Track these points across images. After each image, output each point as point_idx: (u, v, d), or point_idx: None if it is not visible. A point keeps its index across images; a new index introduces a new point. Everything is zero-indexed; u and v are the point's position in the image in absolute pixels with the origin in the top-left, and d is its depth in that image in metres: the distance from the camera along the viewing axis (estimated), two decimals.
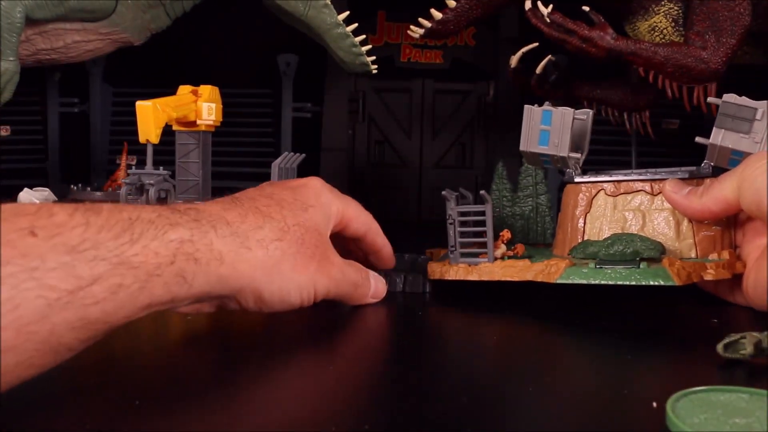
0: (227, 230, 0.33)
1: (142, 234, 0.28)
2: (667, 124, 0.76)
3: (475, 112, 0.88)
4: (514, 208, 0.58)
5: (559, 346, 0.40)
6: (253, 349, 0.38)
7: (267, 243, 0.35)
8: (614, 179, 0.49)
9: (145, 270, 0.28)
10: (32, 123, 0.86)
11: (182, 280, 0.30)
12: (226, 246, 0.33)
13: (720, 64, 0.55)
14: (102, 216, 0.28)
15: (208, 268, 0.31)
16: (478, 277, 0.47)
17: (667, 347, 0.39)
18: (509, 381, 0.32)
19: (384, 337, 0.43)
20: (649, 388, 0.31)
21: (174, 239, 0.30)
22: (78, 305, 0.25)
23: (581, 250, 0.46)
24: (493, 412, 0.28)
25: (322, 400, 0.29)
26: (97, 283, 0.26)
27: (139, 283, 0.28)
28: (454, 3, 0.58)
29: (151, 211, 0.30)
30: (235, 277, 0.33)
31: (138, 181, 0.55)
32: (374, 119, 0.87)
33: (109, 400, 0.28)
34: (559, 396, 0.30)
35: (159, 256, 0.29)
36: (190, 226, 0.31)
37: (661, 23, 0.59)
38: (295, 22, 0.67)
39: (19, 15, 0.58)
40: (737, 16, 0.54)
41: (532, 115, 0.51)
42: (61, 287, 0.25)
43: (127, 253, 0.27)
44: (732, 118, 0.47)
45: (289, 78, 0.84)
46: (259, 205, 0.37)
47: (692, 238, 0.47)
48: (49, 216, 0.26)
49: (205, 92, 0.59)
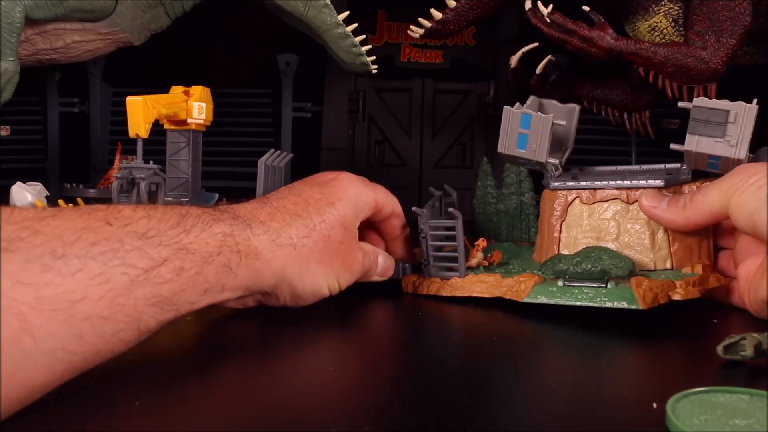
0: (260, 228, 0.36)
1: (193, 226, 0.32)
2: (668, 124, 0.76)
3: (475, 112, 0.88)
4: (499, 205, 0.58)
5: (559, 346, 0.40)
6: (252, 350, 0.38)
7: (295, 240, 0.38)
8: (588, 186, 0.48)
9: (200, 256, 0.31)
10: (32, 123, 0.86)
11: (228, 270, 0.33)
12: (261, 243, 0.36)
13: (720, 65, 0.55)
14: (159, 210, 0.32)
15: (248, 261, 0.34)
16: (450, 293, 0.47)
17: (667, 347, 0.39)
18: (509, 381, 0.32)
19: (383, 336, 0.43)
20: (649, 388, 0.31)
21: (218, 232, 0.33)
22: (152, 283, 0.29)
23: (551, 266, 0.45)
24: (493, 412, 0.28)
25: (322, 401, 0.30)
26: (164, 265, 0.29)
27: (196, 268, 0.31)
28: (454, 3, 0.58)
29: (197, 209, 0.34)
30: (269, 273, 0.36)
31: (129, 175, 0.57)
32: (374, 119, 0.87)
33: (109, 400, 0.28)
34: (559, 396, 0.30)
35: (209, 246, 0.32)
36: (230, 222, 0.34)
37: (661, 23, 0.59)
38: (295, 22, 0.67)
39: (19, 15, 0.58)
40: (737, 16, 0.54)
41: (511, 117, 0.50)
42: (138, 265, 0.28)
43: (184, 240, 0.31)
44: (705, 123, 0.46)
45: (289, 78, 0.84)
46: (286, 204, 0.40)
47: (667, 249, 0.46)
48: (118, 211, 0.30)
49: (196, 92, 0.60)
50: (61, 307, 0.25)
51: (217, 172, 0.81)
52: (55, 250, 0.26)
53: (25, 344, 0.24)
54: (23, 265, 0.25)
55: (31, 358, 0.24)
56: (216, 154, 0.81)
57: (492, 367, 0.35)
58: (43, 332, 0.25)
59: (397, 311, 0.46)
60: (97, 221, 0.28)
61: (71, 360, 0.26)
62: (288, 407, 0.29)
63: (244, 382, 0.32)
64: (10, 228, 0.25)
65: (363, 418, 0.27)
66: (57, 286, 0.25)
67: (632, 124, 0.67)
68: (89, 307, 0.26)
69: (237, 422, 0.27)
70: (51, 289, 0.25)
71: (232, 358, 0.36)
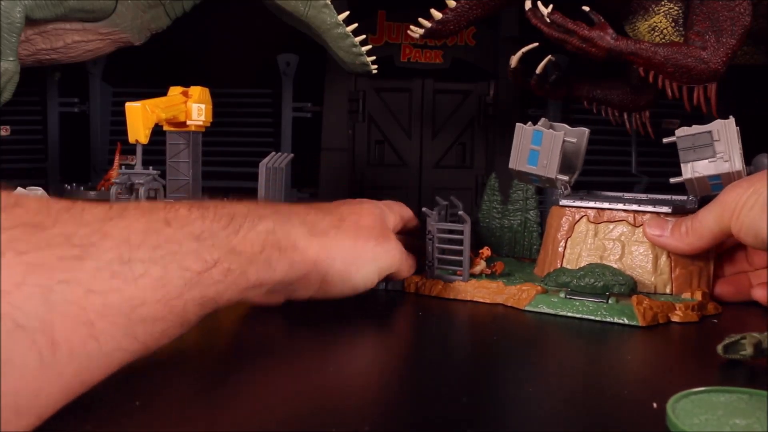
0: (298, 220, 0.38)
1: (241, 226, 0.33)
2: (668, 124, 0.76)
3: (475, 112, 0.88)
4: (503, 220, 0.59)
5: (559, 346, 0.40)
6: (250, 351, 0.38)
7: (328, 229, 0.40)
8: (598, 206, 0.49)
9: (246, 257, 0.33)
10: (32, 123, 0.86)
11: (268, 266, 0.34)
12: (299, 234, 0.37)
13: (720, 65, 0.55)
14: (210, 210, 0.33)
15: (285, 254, 0.36)
16: (453, 296, 0.48)
17: (667, 347, 0.39)
18: (509, 381, 0.32)
19: (383, 336, 0.43)
20: (649, 388, 0.31)
21: (262, 230, 0.34)
22: (203, 285, 0.30)
23: (554, 278, 0.46)
24: (493, 412, 0.28)
25: (322, 401, 0.30)
26: (215, 267, 0.30)
27: (240, 268, 0.32)
28: (454, 3, 0.58)
29: (243, 206, 0.35)
30: (301, 263, 0.37)
31: (128, 181, 0.57)
32: (374, 119, 0.87)
33: (109, 400, 0.28)
34: (558, 396, 0.30)
35: (254, 245, 0.33)
36: (274, 218, 0.36)
37: (661, 23, 0.59)
38: (295, 22, 0.67)
39: (19, 15, 0.58)
40: (737, 16, 0.54)
41: (523, 134, 0.51)
42: (193, 268, 0.29)
43: (233, 242, 0.32)
44: (693, 149, 0.47)
45: (289, 78, 0.84)
46: (318, 206, 0.43)
47: (669, 274, 0.47)
48: (176, 210, 0.31)
49: (195, 93, 0.59)
50: (123, 312, 0.26)
51: (217, 172, 0.81)
52: (122, 255, 0.27)
53: (90, 348, 0.25)
54: (94, 273, 0.26)
55: (94, 360, 0.26)
56: (216, 155, 0.81)
57: (491, 367, 0.35)
58: (106, 336, 0.26)
59: (396, 310, 0.46)
60: (158, 222, 0.29)
61: (124, 357, 0.27)
62: (287, 407, 0.29)
63: (243, 382, 0.32)
64: (83, 231, 0.26)
65: (363, 418, 0.27)
66: (122, 292, 0.26)
67: (632, 124, 0.68)
68: (147, 310, 0.27)
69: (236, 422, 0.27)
70: (116, 296, 0.26)
71: (230, 358, 0.36)
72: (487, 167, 0.89)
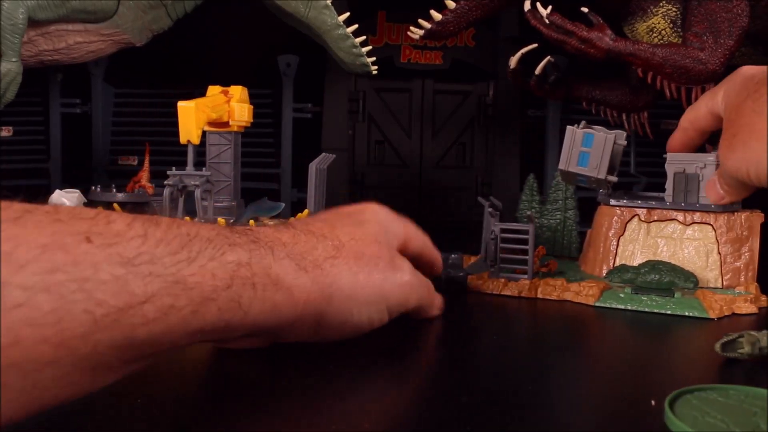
0: (283, 252, 0.31)
1: (200, 252, 0.26)
2: (667, 124, 0.77)
3: (475, 113, 0.89)
4: (542, 220, 0.60)
5: (558, 345, 0.40)
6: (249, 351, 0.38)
7: (321, 262, 0.32)
8: (647, 205, 0.51)
9: (200, 292, 0.25)
10: (34, 123, 0.86)
11: (237, 306, 0.27)
12: (283, 269, 0.30)
13: (718, 65, 0.55)
14: (161, 229, 0.25)
15: (264, 295, 0.28)
16: (517, 293, 0.48)
17: (665, 345, 0.39)
18: (509, 381, 0.32)
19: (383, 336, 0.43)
20: (647, 386, 0.31)
21: (232, 261, 0.27)
22: (126, 324, 0.23)
23: (618, 274, 0.48)
24: (493, 412, 0.28)
25: (322, 400, 0.30)
26: (149, 302, 0.24)
27: (192, 306, 0.25)
28: (454, 4, 0.58)
29: (210, 229, 0.28)
30: (288, 306, 0.30)
31: (180, 183, 0.54)
32: (374, 119, 0.88)
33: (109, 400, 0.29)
34: (558, 395, 0.30)
35: (216, 279, 0.26)
36: (249, 247, 0.29)
37: (659, 24, 0.60)
38: (295, 23, 0.67)
39: (22, 16, 0.58)
40: (735, 17, 0.55)
41: (575, 136, 0.52)
42: (110, 303, 0.22)
43: (183, 271, 0.25)
44: None
45: (290, 78, 0.85)
46: (311, 228, 0.34)
47: (719, 269, 0.49)
48: (106, 223, 0.24)
49: (237, 93, 0.59)
50: None
51: None
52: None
53: None
54: None
55: None
56: None
57: (491, 366, 0.35)
58: None
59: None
60: (71, 236, 0.22)
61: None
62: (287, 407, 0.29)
63: (242, 382, 0.32)
64: None
65: (363, 417, 0.27)
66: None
67: (631, 125, 0.68)
68: (21, 352, 0.21)
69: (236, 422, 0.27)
70: None
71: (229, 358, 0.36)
72: (487, 167, 0.89)
